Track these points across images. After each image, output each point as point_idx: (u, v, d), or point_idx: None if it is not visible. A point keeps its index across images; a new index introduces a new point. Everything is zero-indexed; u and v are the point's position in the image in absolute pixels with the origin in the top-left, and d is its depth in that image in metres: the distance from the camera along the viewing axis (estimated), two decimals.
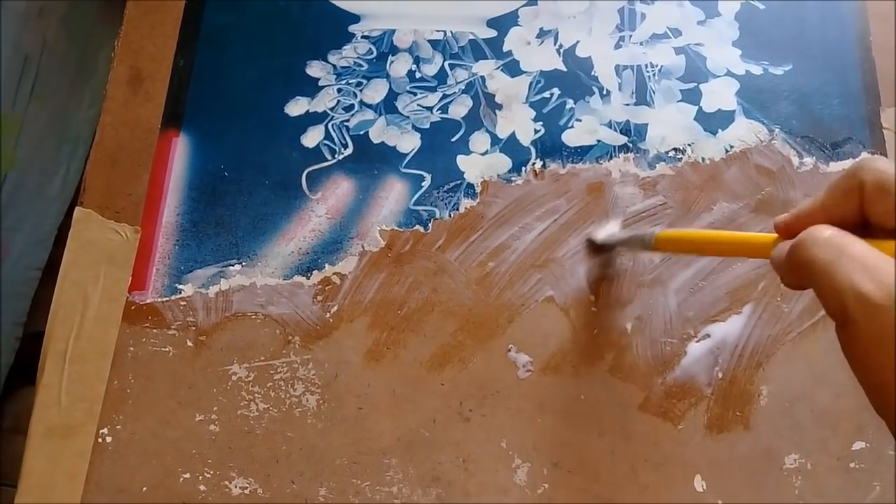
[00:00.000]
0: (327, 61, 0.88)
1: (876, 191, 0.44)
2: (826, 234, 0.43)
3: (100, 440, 0.75)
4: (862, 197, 0.45)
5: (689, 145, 0.84)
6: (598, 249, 0.81)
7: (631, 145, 0.84)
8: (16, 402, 2.05)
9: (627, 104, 0.86)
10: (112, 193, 0.83)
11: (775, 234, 0.52)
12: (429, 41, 0.89)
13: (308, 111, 0.86)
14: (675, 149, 0.84)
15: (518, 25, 0.89)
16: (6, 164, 1.78)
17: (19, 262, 1.87)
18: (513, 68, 0.88)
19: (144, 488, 0.74)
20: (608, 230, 0.81)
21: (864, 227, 0.46)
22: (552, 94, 0.87)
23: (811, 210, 0.48)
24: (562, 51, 0.88)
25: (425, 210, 0.83)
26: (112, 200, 0.83)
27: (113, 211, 0.83)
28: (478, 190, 0.83)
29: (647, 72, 0.87)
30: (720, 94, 0.86)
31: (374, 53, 0.89)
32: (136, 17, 0.90)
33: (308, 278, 0.81)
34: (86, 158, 2.15)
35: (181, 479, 0.75)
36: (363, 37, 0.89)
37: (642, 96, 0.86)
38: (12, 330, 1.88)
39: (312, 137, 0.85)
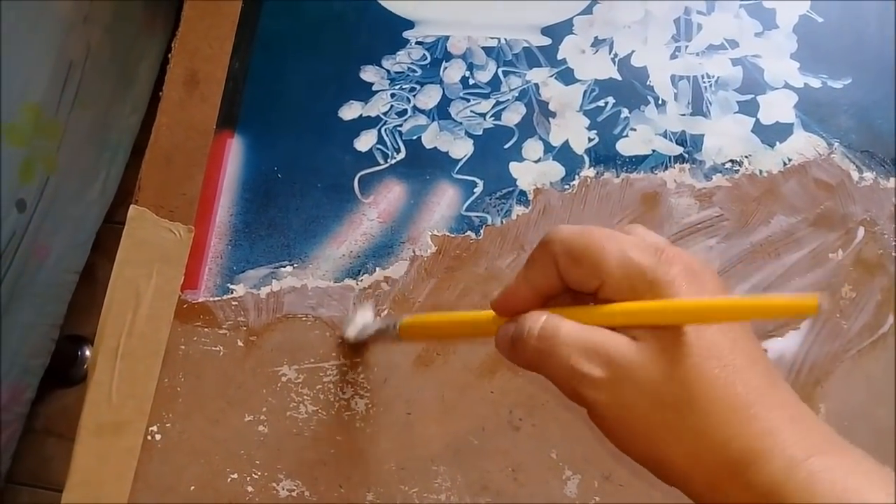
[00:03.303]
0: (381, 66, 0.89)
1: (567, 261, 0.46)
2: (539, 325, 0.45)
3: (149, 438, 0.75)
4: (558, 267, 0.46)
5: (747, 157, 0.83)
6: (355, 347, 0.77)
7: (687, 156, 0.84)
8: (48, 404, 2.07)
9: (683, 114, 0.85)
10: (166, 193, 0.84)
11: (492, 313, 0.52)
12: (483, 48, 0.89)
13: (361, 115, 0.87)
14: (731, 160, 0.83)
15: (573, 34, 0.89)
16: (48, 168, 1.80)
17: (57, 266, 1.89)
18: (567, 76, 0.87)
19: (192, 487, 0.74)
20: (358, 324, 0.75)
21: (572, 293, 0.48)
22: (607, 103, 0.86)
23: (518, 286, 0.49)
24: (617, 60, 0.88)
25: (477, 216, 0.82)
26: (166, 199, 0.84)
27: (167, 210, 0.83)
28: (530, 197, 0.83)
29: (704, 82, 0.87)
30: (778, 107, 0.85)
31: (428, 59, 0.89)
32: (192, 19, 0.91)
33: (359, 282, 0.80)
34: (125, 165, 2.17)
35: (229, 480, 0.74)
36: (417, 42, 0.90)
37: (698, 107, 0.85)
38: (48, 332, 1.90)
39: (365, 141, 0.86)
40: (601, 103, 0.86)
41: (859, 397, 0.75)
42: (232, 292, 0.80)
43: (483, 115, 0.86)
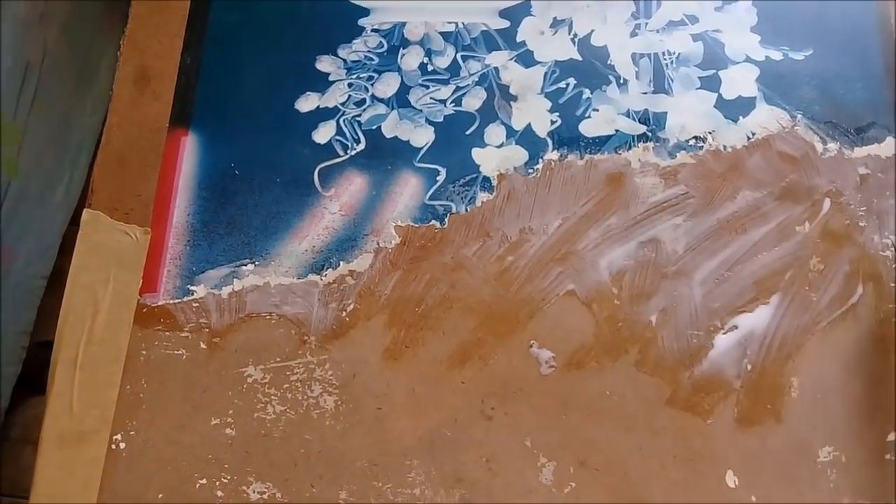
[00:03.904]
0: (337, 56, 0.87)
1: None
2: None
3: (113, 447, 0.74)
4: None
5: (710, 133, 0.82)
6: None
7: (650, 134, 0.83)
8: (23, 413, 2.03)
9: (645, 93, 0.84)
10: (120, 194, 0.82)
11: None
12: (440, 33, 0.87)
13: (319, 107, 0.85)
14: (695, 137, 0.82)
15: (531, 15, 0.87)
16: (9, 172, 1.76)
17: (24, 272, 1.85)
18: (527, 59, 0.86)
19: (160, 495, 0.72)
20: None
21: None
22: (568, 85, 0.85)
23: None
24: (576, 40, 0.86)
25: (441, 205, 0.81)
26: (121, 201, 0.81)
27: (122, 212, 0.81)
28: (494, 183, 0.81)
29: (665, 59, 0.85)
30: (740, 81, 0.84)
31: (385, 47, 0.87)
32: (141, 16, 0.89)
33: (323, 277, 0.79)
34: (89, 167, 2.13)
35: (197, 485, 0.73)
36: (373, 30, 0.88)
37: (660, 84, 0.84)
38: (18, 339, 1.86)
39: (324, 133, 0.84)
40: (562, 85, 0.85)
41: (831, 369, 0.75)
42: (192, 294, 0.78)
43: (443, 102, 0.85)
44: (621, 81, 0.85)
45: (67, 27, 1.95)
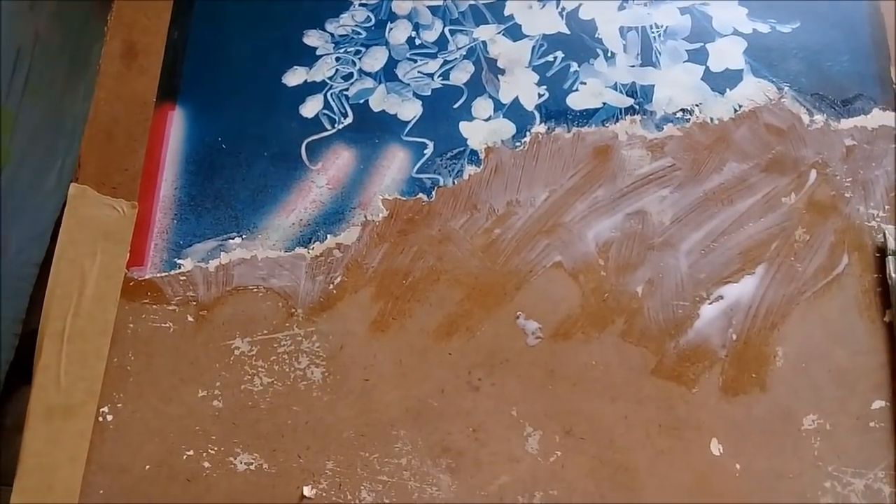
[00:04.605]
0: (325, 30, 0.86)
1: None
2: None
3: (100, 419, 0.74)
4: None
5: (697, 106, 0.82)
6: None
7: (637, 107, 0.83)
8: (17, 401, 2.03)
9: (633, 66, 0.84)
10: (108, 169, 0.81)
11: None
12: (428, 7, 0.87)
13: (306, 81, 0.85)
14: (682, 109, 0.82)
15: None
16: (1, 159, 1.76)
17: (16, 258, 1.85)
18: (514, 32, 0.86)
19: (147, 467, 0.72)
20: None
21: None
22: (555, 58, 0.85)
23: None
24: (564, 13, 0.86)
25: (428, 178, 0.81)
26: (108, 176, 0.81)
27: (109, 187, 0.81)
28: (482, 156, 0.81)
29: (653, 33, 0.85)
30: (727, 54, 0.84)
31: (373, 21, 0.87)
32: None
33: (310, 250, 0.79)
34: (79, 158, 2.13)
35: (184, 457, 0.73)
36: (361, 4, 0.87)
37: (648, 57, 0.84)
38: (11, 327, 1.86)
39: (311, 107, 0.84)
40: (550, 58, 0.85)
41: (816, 339, 0.75)
42: (180, 267, 0.78)
43: (431, 76, 0.85)
44: (609, 55, 0.85)
45: (59, 13, 1.94)
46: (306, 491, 0.72)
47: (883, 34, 0.85)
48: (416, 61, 0.85)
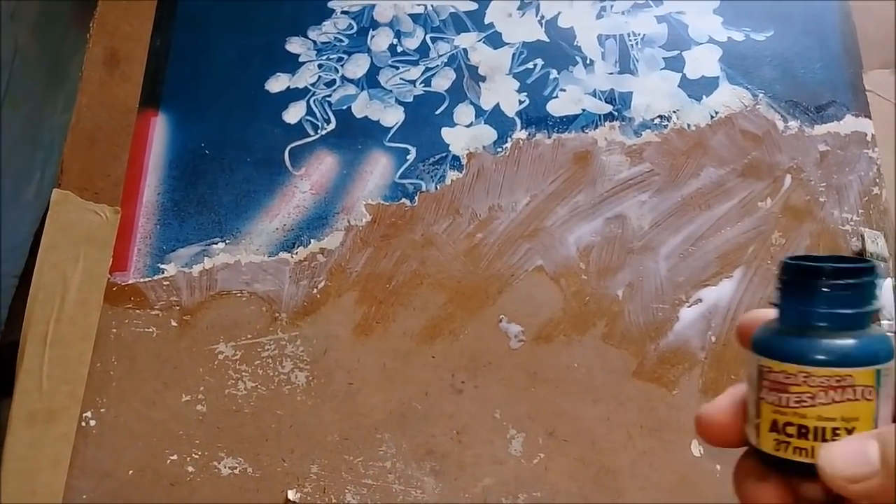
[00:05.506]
0: (307, 37, 0.87)
1: None
2: None
3: (83, 424, 0.73)
4: None
5: (675, 112, 0.84)
6: None
7: (616, 114, 0.84)
8: None
9: (611, 73, 0.86)
10: (90, 174, 0.81)
11: None
12: (409, 15, 0.88)
13: (289, 87, 0.85)
14: (660, 116, 0.84)
15: None
16: None
17: None
18: (495, 40, 0.87)
19: (130, 471, 0.72)
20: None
21: None
22: (535, 65, 0.86)
23: None
24: (544, 22, 0.88)
25: (411, 183, 0.82)
26: (90, 181, 0.81)
27: (92, 192, 0.81)
28: (464, 162, 0.82)
29: (630, 41, 0.87)
30: (703, 61, 0.86)
31: (355, 28, 0.88)
32: None
33: (294, 255, 0.79)
34: (61, 164, 2.11)
35: (168, 461, 0.73)
36: (343, 12, 0.88)
37: (626, 65, 0.86)
38: None
39: (294, 113, 0.84)
40: (530, 65, 0.86)
41: None
42: (163, 272, 0.78)
43: (413, 82, 0.86)
44: (588, 62, 0.86)
45: (38, 26, 1.93)
46: (291, 495, 0.72)
47: (854, 41, 0.87)
48: (398, 68, 0.86)
